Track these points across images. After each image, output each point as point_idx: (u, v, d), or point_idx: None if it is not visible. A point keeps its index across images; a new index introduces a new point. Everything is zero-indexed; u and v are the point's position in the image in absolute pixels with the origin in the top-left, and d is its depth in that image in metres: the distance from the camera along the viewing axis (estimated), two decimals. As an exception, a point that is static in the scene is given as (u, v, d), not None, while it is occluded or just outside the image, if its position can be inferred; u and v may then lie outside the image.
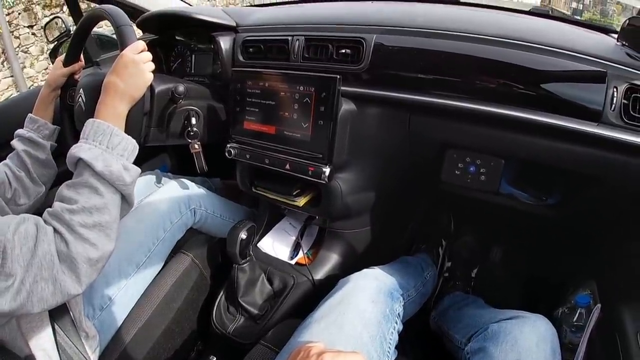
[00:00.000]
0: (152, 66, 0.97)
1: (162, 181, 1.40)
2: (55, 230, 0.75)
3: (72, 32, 1.49)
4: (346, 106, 1.03)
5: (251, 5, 1.73)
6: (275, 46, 1.16)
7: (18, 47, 5.62)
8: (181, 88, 1.10)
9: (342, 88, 0.99)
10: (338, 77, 0.95)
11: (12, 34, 5.52)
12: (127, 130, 0.90)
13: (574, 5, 17.74)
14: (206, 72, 1.40)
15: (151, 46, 1.46)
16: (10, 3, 5.68)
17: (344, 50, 1.07)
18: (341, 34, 1.08)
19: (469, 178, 1.12)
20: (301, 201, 1.15)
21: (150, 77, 0.95)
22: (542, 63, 0.91)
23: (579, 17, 14.80)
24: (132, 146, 0.88)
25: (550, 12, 1.45)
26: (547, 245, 1.51)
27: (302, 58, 1.12)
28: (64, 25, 1.73)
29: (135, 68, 0.92)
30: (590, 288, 1.21)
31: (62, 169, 1.19)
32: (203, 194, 1.32)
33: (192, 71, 1.45)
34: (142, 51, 0.96)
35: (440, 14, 1.16)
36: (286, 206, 1.23)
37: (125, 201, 0.87)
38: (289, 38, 1.13)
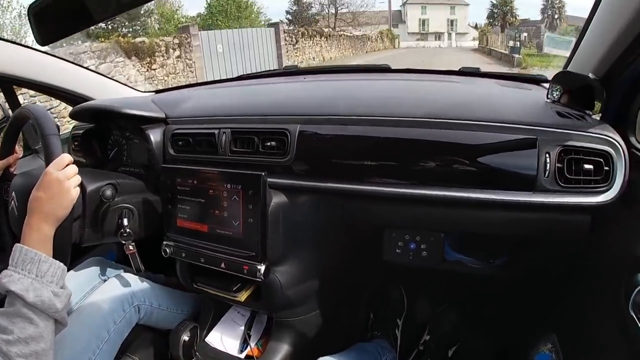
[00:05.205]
0: (77, 180, 0.95)
1: (106, 272, 1.33)
2: None
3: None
4: (276, 199, 1.02)
5: (181, 87, 1.73)
6: (203, 140, 1.16)
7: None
8: (108, 192, 1.09)
9: (272, 180, 0.98)
10: (263, 174, 0.94)
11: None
12: (55, 252, 0.88)
13: (511, 43, 18.99)
14: (141, 161, 1.38)
15: (87, 136, 1.45)
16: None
17: (269, 143, 1.07)
18: (265, 126, 1.09)
19: (410, 255, 1.11)
20: (242, 296, 1.11)
21: (75, 194, 0.93)
22: (472, 138, 0.93)
23: (517, 55, 15.84)
24: (60, 271, 0.87)
25: (479, 70, 1.50)
26: (505, 304, 1.50)
27: (230, 151, 1.11)
28: (2, 111, 1.68)
29: (60, 187, 0.90)
30: (552, 342, 1.19)
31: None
32: (146, 287, 1.27)
33: (129, 160, 1.42)
34: (68, 164, 0.94)
35: (364, 97, 1.18)
36: (228, 301, 1.19)
37: (59, 322, 0.86)
38: (216, 132, 1.13)
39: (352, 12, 27.92)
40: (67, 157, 0.94)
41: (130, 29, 17.12)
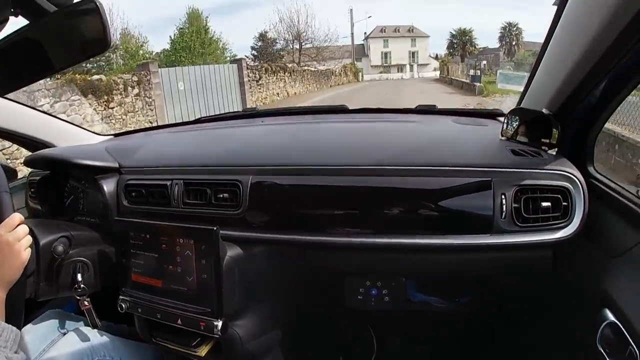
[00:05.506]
0: (28, 241, 0.94)
1: (65, 325, 1.27)
2: None
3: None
4: (231, 252, 1.00)
5: (139, 130, 1.71)
6: (156, 191, 1.14)
7: None
8: (60, 248, 1.06)
9: (226, 232, 0.96)
10: (214, 228, 0.92)
11: None
12: (7, 316, 0.87)
13: (472, 72, 19.66)
14: (98, 211, 1.33)
15: (43, 183, 1.41)
16: None
17: (222, 195, 1.05)
18: (217, 177, 1.07)
19: (372, 301, 1.10)
20: (202, 351, 1.07)
21: (26, 256, 0.93)
22: (428, 184, 0.93)
23: (478, 83, 16.37)
24: (13, 335, 0.85)
25: (436, 107, 1.53)
26: (476, 339, 1.49)
27: (182, 203, 1.10)
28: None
29: (10, 250, 0.90)
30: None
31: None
32: (106, 341, 1.21)
33: (85, 210, 1.38)
34: (18, 224, 0.93)
35: (319, 144, 1.18)
36: (188, 356, 1.14)
37: None
38: (168, 183, 1.11)
39: (316, 47, 28.35)
40: (17, 217, 0.93)
41: (95, 65, 16.87)
